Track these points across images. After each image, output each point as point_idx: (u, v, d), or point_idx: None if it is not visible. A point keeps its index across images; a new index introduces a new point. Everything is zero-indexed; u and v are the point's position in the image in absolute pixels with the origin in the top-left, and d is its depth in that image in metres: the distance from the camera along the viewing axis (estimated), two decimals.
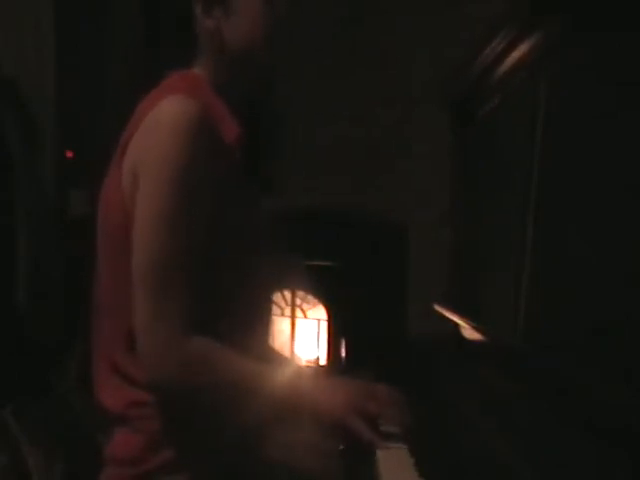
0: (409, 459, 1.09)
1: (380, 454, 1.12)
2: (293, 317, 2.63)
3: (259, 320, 1.27)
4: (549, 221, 1.12)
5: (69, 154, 2.52)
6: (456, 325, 1.63)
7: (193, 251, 1.08)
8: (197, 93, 1.14)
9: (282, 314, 2.64)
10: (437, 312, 1.76)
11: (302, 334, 2.63)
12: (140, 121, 1.12)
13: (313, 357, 2.61)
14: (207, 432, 1.11)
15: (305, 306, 2.64)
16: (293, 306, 2.63)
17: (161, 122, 1.09)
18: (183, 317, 1.05)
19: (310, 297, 2.63)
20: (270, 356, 1.35)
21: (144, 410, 1.11)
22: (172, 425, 1.11)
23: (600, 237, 0.93)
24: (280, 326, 2.64)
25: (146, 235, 1.06)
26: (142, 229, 1.07)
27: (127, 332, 1.10)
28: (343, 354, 2.53)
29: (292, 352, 2.62)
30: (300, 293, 2.63)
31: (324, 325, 2.60)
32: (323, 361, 2.59)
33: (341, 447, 1.29)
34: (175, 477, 1.10)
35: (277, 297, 2.64)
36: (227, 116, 1.19)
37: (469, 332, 1.52)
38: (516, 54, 1.32)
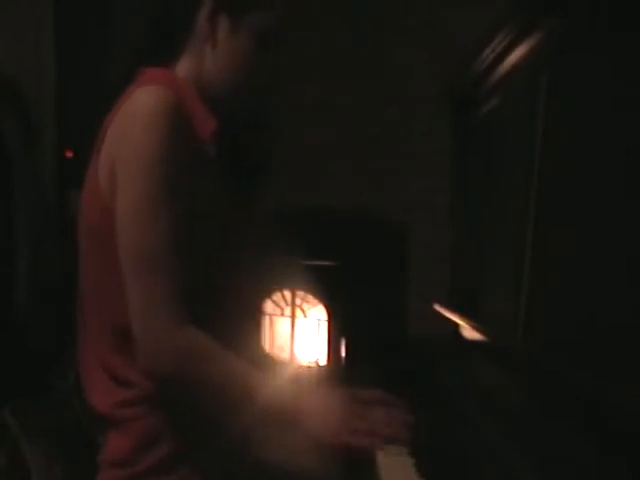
0: (409, 459, 1.09)
1: (380, 455, 1.12)
2: (293, 317, 2.63)
3: (247, 320, 1.27)
4: (549, 221, 1.12)
5: (69, 154, 2.52)
6: (456, 325, 1.63)
7: (177, 240, 1.07)
8: (171, 85, 1.13)
9: (282, 314, 2.64)
10: (437, 312, 1.75)
11: (302, 334, 2.63)
12: (116, 114, 1.12)
13: (313, 357, 2.61)
14: (201, 432, 1.11)
15: (305, 306, 2.63)
16: (293, 306, 2.63)
17: (136, 111, 1.09)
18: (176, 305, 1.05)
19: (310, 297, 2.62)
20: (261, 358, 1.35)
21: (133, 410, 1.11)
22: (164, 425, 1.11)
23: (600, 237, 0.93)
24: (280, 326, 2.64)
25: (130, 225, 1.06)
26: (125, 219, 1.07)
27: (113, 330, 1.11)
28: (343, 354, 2.53)
29: (292, 352, 2.61)
30: (300, 293, 2.62)
31: (324, 325, 2.60)
32: (323, 361, 2.59)
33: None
34: (168, 477, 1.10)
35: (277, 297, 2.63)
36: (203, 112, 1.17)
37: (469, 332, 1.52)
38: (517, 54, 1.32)
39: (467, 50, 1.53)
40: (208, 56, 1.20)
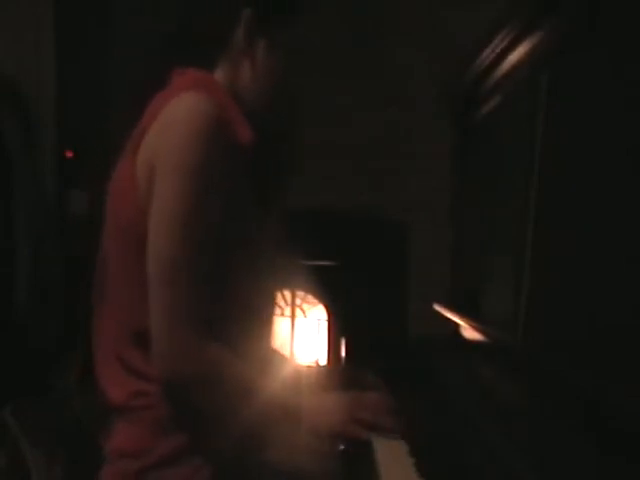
0: (409, 459, 1.09)
1: (379, 455, 1.12)
2: (293, 317, 2.63)
3: (262, 322, 1.27)
4: (549, 221, 1.12)
5: (69, 154, 2.52)
6: (456, 325, 1.63)
7: (210, 249, 1.07)
8: (212, 92, 1.14)
9: (282, 314, 2.64)
10: (437, 312, 1.75)
11: (302, 334, 2.63)
12: (155, 116, 1.12)
13: (313, 357, 2.61)
14: (210, 425, 1.12)
15: (305, 306, 2.64)
16: (293, 306, 2.63)
17: (178, 118, 1.09)
18: (201, 319, 1.05)
19: (310, 297, 2.63)
20: (272, 358, 1.35)
21: (148, 400, 1.11)
22: (176, 414, 1.11)
23: (600, 237, 0.93)
24: (280, 326, 2.64)
25: (164, 233, 1.06)
26: (160, 226, 1.06)
27: (136, 328, 1.10)
28: (343, 354, 2.53)
29: (292, 352, 2.62)
30: (300, 293, 2.63)
31: (324, 325, 2.60)
32: (323, 361, 2.59)
33: (341, 448, 1.30)
34: (178, 469, 1.10)
35: (277, 297, 2.64)
36: (240, 118, 1.18)
37: (469, 332, 1.52)
38: (517, 54, 1.32)
39: (467, 50, 1.53)
40: (245, 70, 1.22)
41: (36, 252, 2.42)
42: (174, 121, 1.09)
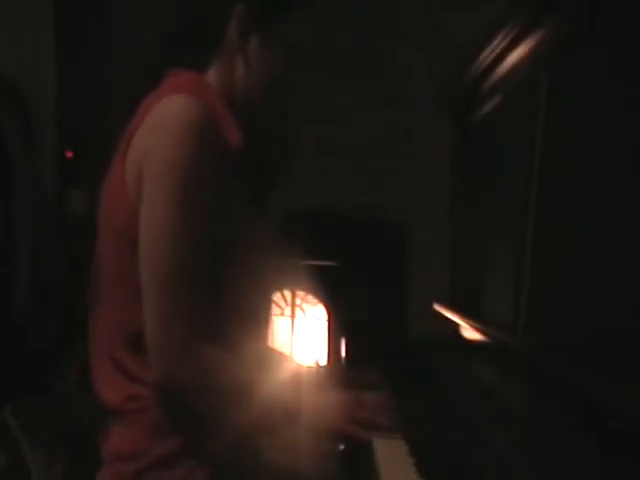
0: (409, 459, 1.09)
1: (379, 455, 1.12)
2: (293, 317, 2.63)
3: (259, 322, 1.27)
4: (549, 221, 1.12)
5: (69, 154, 2.53)
6: (456, 325, 1.63)
7: (202, 252, 1.07)
8: (201, 94, 1.14)
9: (282, 314, 2.64)
10: (437, 312, 1.75)
11: (302, 334, 2.63)
12: (144, 116, 1.12)
13: (313, 357, 2.61)
14: (206, 426, 1.12)
15: (305, 306, 2.63)
16: (293, 306, 2.63)
17: (165, 120, 1.09)
18: (195, 322, 1.05)
19: (310, 297, 2.62)
20: (269, 357, 1.35)
21: (142, 403, 1.11)
22: (172, 417, 1.11)
23: (600, 237, 0.93)
24: (280, 326, 2.64)
25: (155, 235, 1.06)
26: (151, 229, 1.06)
27: (130, 330, 1.10)
28: (343, 354, 2.53)
29: (292, 352, 2.61)
30: (300, 293, 2.62)
31: (324, 325, 2.60)
32: (323, 361, 2.59)
33: (341, 448, 1.30)
34: (175, 471, 1.10)
35: (277, 297, 2.63)
36: (230, 120, 1.18)
37: (469, 332, 1.52)
38: (517, 54, 1.32)
39: (467, 50, 1.53)
40: (238, 67, 1.22)
41: (36, 252, 2.42)
42: (162, 123, 1.09)
